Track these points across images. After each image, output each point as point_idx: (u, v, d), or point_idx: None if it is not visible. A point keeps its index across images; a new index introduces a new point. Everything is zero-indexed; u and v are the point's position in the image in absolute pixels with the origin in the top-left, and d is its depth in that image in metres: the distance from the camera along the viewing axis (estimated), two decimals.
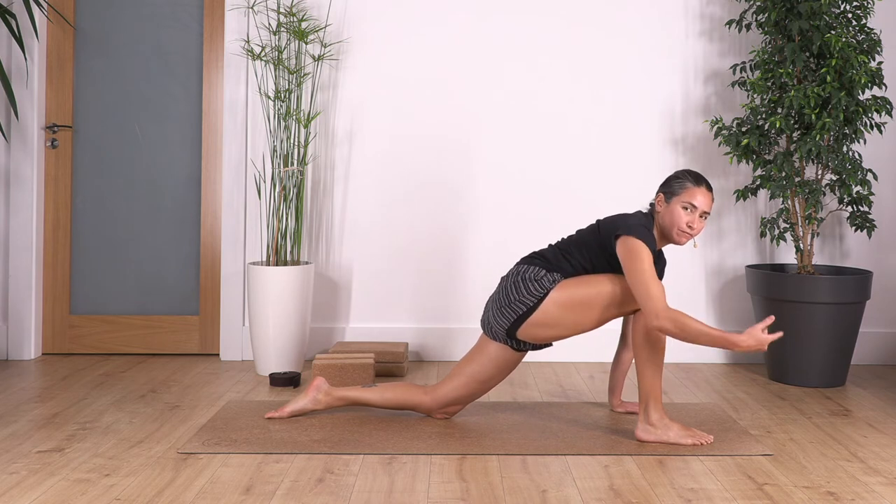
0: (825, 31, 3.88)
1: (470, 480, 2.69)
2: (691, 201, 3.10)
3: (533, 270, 3.13)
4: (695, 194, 3.11)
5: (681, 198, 3.11)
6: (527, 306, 3.10)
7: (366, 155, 4.42)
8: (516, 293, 3.11)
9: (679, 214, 3.11)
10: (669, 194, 3.14)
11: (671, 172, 4.41)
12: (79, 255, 4.46)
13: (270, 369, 4.04)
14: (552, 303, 3.08)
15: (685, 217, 3.11)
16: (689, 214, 3.11)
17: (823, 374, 3.91)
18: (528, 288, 3.10)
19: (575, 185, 4.43)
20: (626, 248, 3.01)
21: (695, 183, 3.12)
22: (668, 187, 3.15)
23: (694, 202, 3.10)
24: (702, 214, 3.12)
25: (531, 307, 3.09)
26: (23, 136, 4.32)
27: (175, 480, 2.67)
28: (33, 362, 4.26)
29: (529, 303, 3.10)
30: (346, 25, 4.41)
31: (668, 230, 3.15)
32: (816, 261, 4.45)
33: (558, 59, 4.42)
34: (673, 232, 3.14)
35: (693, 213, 3.11)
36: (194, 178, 4.47)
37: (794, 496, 2.59)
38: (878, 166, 4.44)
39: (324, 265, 4.44)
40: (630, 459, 2.90)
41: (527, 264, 3.17)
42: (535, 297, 3.09)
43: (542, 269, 3.13)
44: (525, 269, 3.15)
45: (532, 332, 3.13)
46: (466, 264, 4.43)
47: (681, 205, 3.11)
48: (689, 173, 3.15)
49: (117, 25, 4.44)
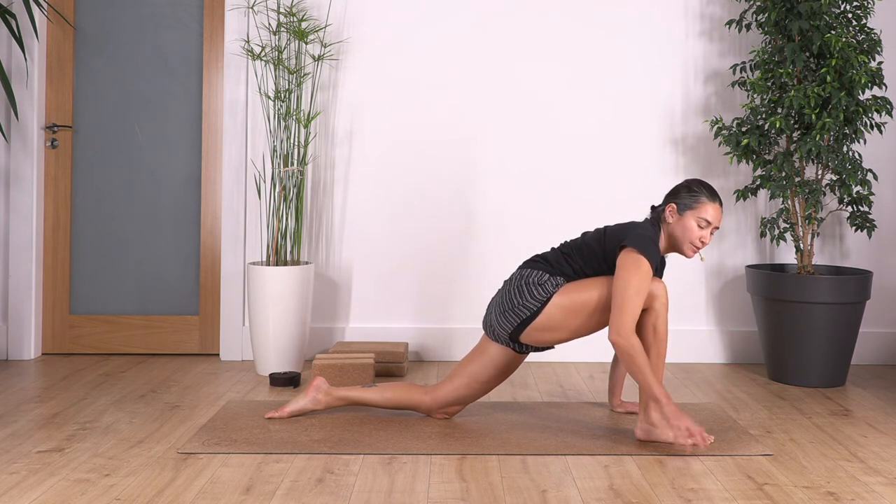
0: (825, 31, 3.88)
1: (470, 480, 2.69)
2: (706, 217, 3.08)
3: (536, 275, 3.13)
4: (710, 210, 3.09)
5: (696, 213, 3.09)
6: (530, 311, 3.09)
7: (366, 155, 4.42)
8: (519, 297, 3.11)
9: (692, 229, 3.09)
10: (683, 206, 3.10)
11: (673, 174, 4.41)
12: (79, 255, 4.46)
13: (270, 369, 4.04)
14: (555, 307, 3.08)
15: (698, 233, 3.09)
16: (702, 230, 3.09)
17: (823, 374, 3.91)
18: (532, 292, 3.10)
19: (575, 186, 4.43)
20: (626, 260, 2.99)
21: (710, 198, 3.09)
22: (681, 199, 3.11)
23: (709, 218, 3.09)
24: (713, 230, 3.12)
25: (534, 312, 3.09)
26: (23, 136, 4.33)
27: (175, 480, 2.67)
28: (33, 362, 4.26)
29: (533, 307, 3.09)
30: (346, 25, 4.42)
31: (678, 242, 3.13)
32: (816, 261, 4.45)
33: (558, 60, 4.42)
34: (684, 246, 3.11)
35: (706, 229, 3.10)
36: (194, 178, 4.47)
37: (794, 496, 2.59)
38: (878, 166, 4.44)
39: (324, 265, 4.44)
40: (630, 459, 2.90)
41: (530, 268, 3.17)
42: (538, 302, 3.09)
43: (545, 273, 3.12)
44: (528, 273, 3.14)
45: (535, 336, 3.13)
46: (467, 264, 4.43)
47: (695, 220, 3.08)
48: (703, 186, 3.11)
49: (117, 25, 4.44)
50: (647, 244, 3.00)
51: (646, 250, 2.98)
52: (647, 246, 2.99)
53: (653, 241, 3.02)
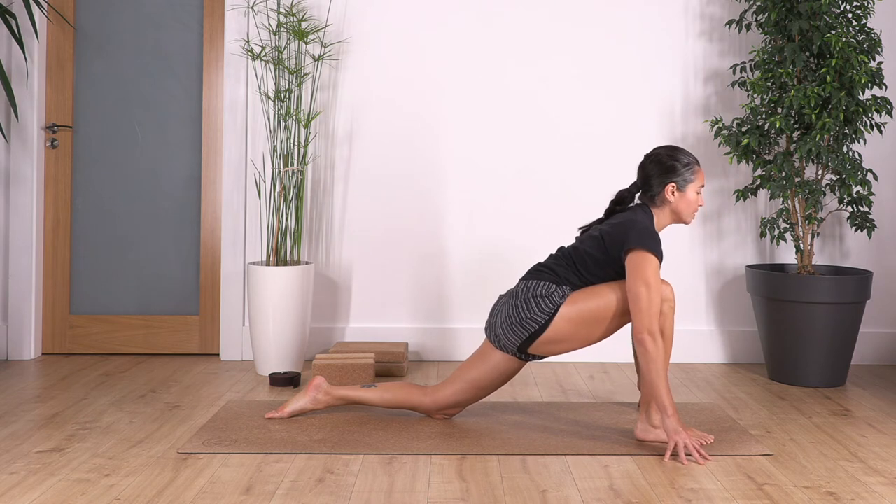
0: (825, 31, 3.88)
1: (470, 480, 2.69)
2: (702, 183, 3.19)
3: (543, 286, 3.11)
4: (702, 174, 3.19)
5: (695, 184, 3.16)
6: (538, 324, 3.08)
7: (366, 155, 4.42)
8: (527, 311, 3.09)
9: (694, 199, 3.17)
10: (684, 182, 3.14)
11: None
12: (79, 255, 4.46)
13: (270, 369, 4.04)
14: (562, 319, 3.07)
15: (697, 199, 3.18)
16: (699, 195, 3.19)
17: (823, 374, 3.91)
18: (539, 305, 3.08)
19: (575, 186, 4.43)
20: (634, 262, 2.99)
21: (698, 164, 3.18)
22: (680, 175, 3.13)
23: (703, 182, 3.19)
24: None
25: (543, 325, 3.07)
26: (23, 136, 4.32)
27: (175, 480, 2.67)
28: (33, 362, 4.26)
29: (541, 320, 3.08)
30: (346, 25, 4.41)
31: (682, 215, 3.17)
32: (816, 261, 4.45)
33: (559, 59, 4.42)
34: (688, 216, 3.18)
35: (701, 193, 3.21)
36: (194, 178, 4.47)
37: (794, 496, 2.59)
38: (878, 166, 4.44)
39: (324, 265, 4.44)
40: (630, 459, 2.89)
41: (535, 279, 3.14)
42: (546, 315, 3.07)
43: (551, 284, 3.11)
44: (535, 285, 3.12)
45: (544, 347, 3.12)
46: (467, 264, 4.43)
47: (696, 190, 3.16)
48: (689, 154, 3.17)
49: (117, 25, 4.44)
50: (648, 239, 3.00)
51: (649, 246, 2.99)
52: (650, 240, 3.00)
53: (652, 233, 3.03)
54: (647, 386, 2.97)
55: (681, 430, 2.89)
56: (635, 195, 3.22)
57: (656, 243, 3.01)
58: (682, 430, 2.90)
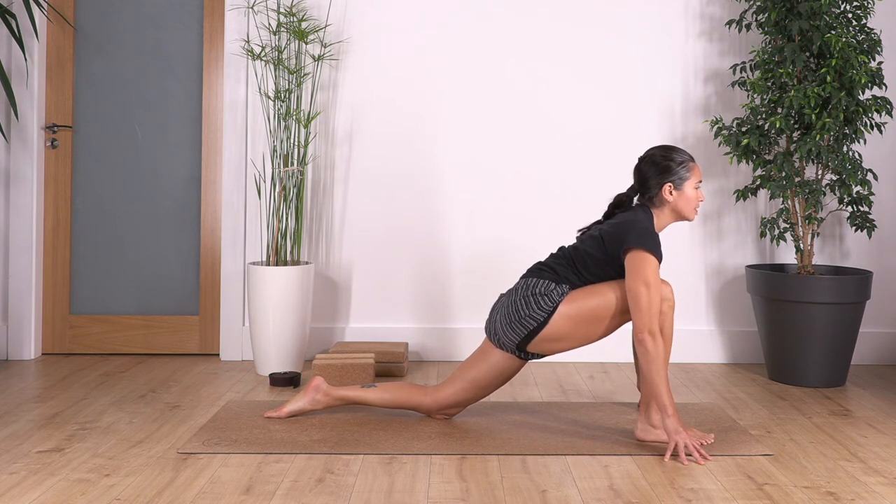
0: (825, 31, 3.88)
1: (470, 480, 2.69)
2: (699, 178, 3.18)
3: (542, 284, 3.11)
4: (698, 170, 3.18)
5: (692, 181, 3.15)
6: (537, 322, 3.08)
7: (366, 155, 4.42)
8: (526, 308, 3.10)
9: (693, 196, 3.16)
10: (680, 180, 3.13)
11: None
12: (79, 255, 4.46)
13: (270, 369, 4.04)
14: (561, 317, 3.07)
15: (697, 195, 3.17)
16: (697, 191, 3.18)
17: (823, 374, 3.91)
18: (538, 303, 3.09)
19: (575, 186, 4.43)
20: (634, 262, 2.99)
21: (692, 160, 3.18)
22: (675, 174, 3.13)
23: (700, 178, 3.18)
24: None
25: (542, 322, 3.08)
26: (23, 136, 4.33)
27: (175, 480, 2.67)
28: (33, 362, 4.26)
29: (540, 318, 3.08)
30: (346, 25, 4.41)
31: (684, 212, 3.17)
32: (816, 261, 4.45)
33: (559, 59, 4.42)
34: (689, 212, 3.18)
35: (699, 188, 3.19)
36: (194, 178, 4.47)
37: (794, 496, 2.59)
38: (878, 166, 4.44)
39: (324, 265, 4.44)
40: (630, 459, 2.89)
41: (535, 277, 3.15)
42: (545, 313, 3.07)
43: (551, 283, 3.11)
44: (534, 283, 3.13)
45: (543, 345, 3.13)
46: (467, 264, 4.43)
47: (694, 186, 3.16)
48: (682, 152, 3.17)
49: (117, 25, 4.44)
50: (648, 239, 3.00)
51: (649, 246, 2.99)
52: (649, 240, 3.00)
53: (652, 234, 3.03)
54: (647, 386, 2.97)
55: (681, 430, 2.89)
56: (633, 198, 3.22)
57: (656, 243, 3.01)
58: (682, 430, 2.90)
